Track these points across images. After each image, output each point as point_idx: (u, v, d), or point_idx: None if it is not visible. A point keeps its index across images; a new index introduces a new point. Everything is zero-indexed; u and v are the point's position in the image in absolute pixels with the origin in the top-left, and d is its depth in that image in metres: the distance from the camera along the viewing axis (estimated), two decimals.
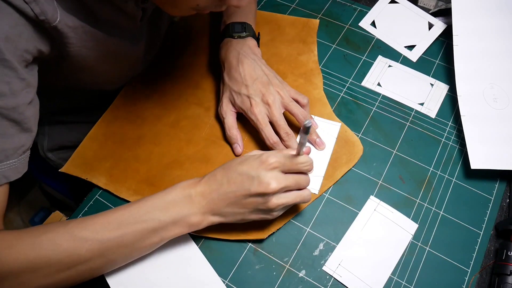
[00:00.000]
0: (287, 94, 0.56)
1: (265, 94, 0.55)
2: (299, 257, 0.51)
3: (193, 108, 0.63)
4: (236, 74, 0.57)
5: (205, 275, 0.50)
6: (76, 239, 0.42)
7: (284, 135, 0.54)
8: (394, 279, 0.50)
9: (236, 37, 0.60)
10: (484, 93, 0.61)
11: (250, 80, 0.56)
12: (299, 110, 0.56)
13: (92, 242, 0.42)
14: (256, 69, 0.57)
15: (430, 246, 0.52)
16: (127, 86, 0.65)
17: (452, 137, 0.61)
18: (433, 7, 0.74)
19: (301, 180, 0.47)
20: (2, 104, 0.41)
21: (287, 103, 0.56)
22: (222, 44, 0.61)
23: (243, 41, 0.60)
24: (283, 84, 0.57)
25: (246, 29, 0.61)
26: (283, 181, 0.45)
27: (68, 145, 0.71)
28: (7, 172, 0.43)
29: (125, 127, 0.61)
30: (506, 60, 0.63)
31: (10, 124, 0.43)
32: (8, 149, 0.43)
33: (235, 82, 0.56)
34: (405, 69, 0.67)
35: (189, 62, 0.67)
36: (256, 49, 0.60)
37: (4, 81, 0.40)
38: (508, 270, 0.49)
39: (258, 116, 0.54)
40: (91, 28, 0.49)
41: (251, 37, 0.61)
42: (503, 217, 0.56)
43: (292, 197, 0.47)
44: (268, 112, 0.55)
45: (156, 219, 0.45)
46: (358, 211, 0.54)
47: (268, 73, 0.57)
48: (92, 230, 0.43)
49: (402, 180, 0.57)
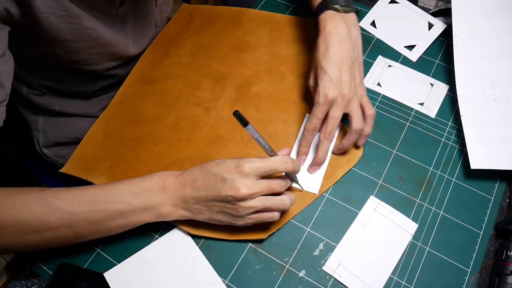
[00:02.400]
0: (357, 98, 0.55)
1: (345, 88, 0.53)
2: (299, 257, 0.51)
3: (193, 108, 0.62)
4: (333, 56, 0.53)
5: (205, 275, 0.50)
6: (47, 206, 0.43)
7: (328, 132, 0.53)
8: (394, 279, 0.50)
9: (341, 10, 0.56)
10: (484, 93, 0.61)
11: (344, 67, 0.53)
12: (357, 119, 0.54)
13: (62, 211, 0.44)
14: (350, 56, 0.54)
15: (430, 246, 0.52)
16: (126, 85, 0.65)
17: (452, 137, 0.61)
18: (433, 7, 0.74)
19: (273, 184, 0.47)
20: None
21: (352, 108, 0.54)
22: (325, 16, 0.56)
23: (349, 16, 0.56)
24: (361, 86, 0.56)
25: (350, 3, 0.58)
26: (254, 187, 0.45)
27: (63, 141, 0.71)
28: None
29: (125, 127, 0.61)
30: (506, 60, 0.63)
31: None
32: None
33: (329, 59, 0.53)
34: (405, 69, 0.67)
35: (189, 62, 0.67)
36: (358, 28, 0.57)
37: None
38: (508, 270, 0.49)
39: (327, 98, 0.52)
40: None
41: (354, 13, 0.58)
42: (503, 217, 0.56)
43: (260, 202, 0.46)
44: (334, 102, 0.53)
45: (126, 202, 0.46)
46: (358, 211, 0.54)
47: (358, 70, 0.55)
48: (64, 200, 0.44)
49: (402, 180, 0.57)
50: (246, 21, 0.72)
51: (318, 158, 0.55)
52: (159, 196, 0.47)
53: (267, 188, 0.46)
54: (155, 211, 0.47)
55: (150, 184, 0.47)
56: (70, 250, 0.52)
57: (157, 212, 0.47)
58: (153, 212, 0.47)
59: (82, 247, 0.52)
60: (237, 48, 0.68)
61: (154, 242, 0.52)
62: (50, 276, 0.50)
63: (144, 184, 0.47)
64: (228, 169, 0.45)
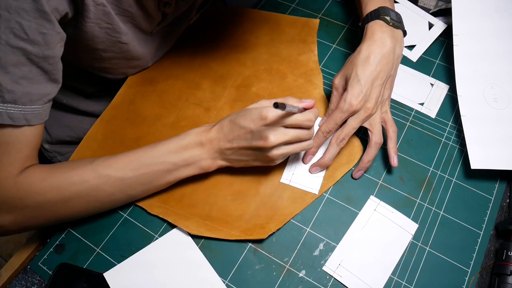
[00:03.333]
0: (380, 113, 0.55)
1: (371, 102, 0.53)
2: (299, 257, 0.51)
3: (193, 108, 0.62)
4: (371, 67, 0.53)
5: (205, 275, 0.50)
6: (102, 176, 0.48)
7: (341, 138, 0.54)
8: (394, 279, 0.50)
9: (391, 23, 0.56)
10: (484, 93, 0.61)
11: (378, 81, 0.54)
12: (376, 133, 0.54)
13: (115, 179, 0.48)
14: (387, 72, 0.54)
15: (430, 246, 0.52)
16: (126, 86, 0.65)
17: (452, 137, 0.61)
18: (433, 7, 0.73)
19: (301, 134, 0.49)
20: (34, 51, 0.43)
21: (374, 122, 0.54)
22: (374, 24, 0.56)
23: (397, 32, 0.57)
24: (387, 102, 0.56)
25: (401, 20, 0.58)
26: (281, 136, 0.48)
27: (67, 140, 0.71)
28: (29, 115, 0.45)
29: (125, 127, 0.61)
30: (506, 60, 0.63)
31: (39, 72, 0.45)
32: (34, 94, 0.45)
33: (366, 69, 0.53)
34: (405, 69, 0.67)
35: (189, 62, 0.67)
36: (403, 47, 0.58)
37: (40, 31, 0.42)
38: (508, 270, 0.49)
39: (351, 107, 0.52)
40: (111, 11, 0.50)
41: (402, 31, 0.58)
42: (503, 217, 0.56)
43: (291, 148, 0.50)
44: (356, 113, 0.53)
45: (170, 162, 0.50)
46: (358, 211, 0.54)
47: (389, 87, 0.56)
48: (115, 169, 0.49)
49: (402, 180, 0.57)
50: (246, 21, 0.72)
51: (325, 160, 0.55)
52: (198, 152, 0.51)
53: (295, 137, 0.49)
54: (197, 165, 0.51)
55: (188, 142, 0.50)
56: (70, 250, 0.52)
57: (198, 166, 0.51)
58: (195, 166, 0.51)
59: (82, 247, 0.52)
60: (237, 48, 0.68)
61: (154, 242, 0.52)
62: (50, 276, 0.50)
63: (183, 143, 0.50)
64: (254, 121, 0.48)
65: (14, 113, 0.44)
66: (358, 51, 0.55)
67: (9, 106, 0.43)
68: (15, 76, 0.42)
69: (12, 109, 0.43)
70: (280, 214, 0.53)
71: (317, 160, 0.56)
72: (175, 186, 0.55)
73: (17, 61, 0.42)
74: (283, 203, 0.54)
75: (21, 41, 0.41)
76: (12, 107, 0.43)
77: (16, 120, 0.44)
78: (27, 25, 0.41)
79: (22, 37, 0.41)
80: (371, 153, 0.54)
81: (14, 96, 0.43)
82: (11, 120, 0.44)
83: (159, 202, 0.54)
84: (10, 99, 0.43)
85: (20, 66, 0.43)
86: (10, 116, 0.43)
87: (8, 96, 0.43)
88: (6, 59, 0.41)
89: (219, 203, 0.54)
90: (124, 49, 0.57)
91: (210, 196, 0.55)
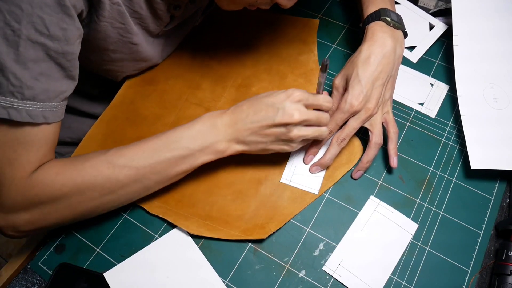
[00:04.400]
0: (381, 114, 0.55)
1: (372, 102, 0.53)
2: (299, 257, 0.51)
3: (193, 108, 0.62)
4: (372, 68, 0.53)
5: (205, 275, 0.50)
6: (115, 167, 0.47)
7: (341, 139, 0.54)
8: (394, 279, 0.50)
9: (392, 24, 0.57)
10: (484, 93, 0.61)
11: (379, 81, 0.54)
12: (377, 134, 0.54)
13: (129, 169, 0.47)
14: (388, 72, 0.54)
15: (430, 246, 0.52)
16: (126, 86, 0.65)
17: (452, 137, 0.61)
18: (433, 7, 0.73)
19: (322, 116, 0.50)
20: (53, 47, 0.42)
21: (374, 123, 0.54)
22: (375, 25, 0.57)
23: (398, 33, 0.57)
24: (389, 103, 0.56)
25: (401, 21, 0.59)
26: (305, 114, 0.48)
27: (67, 141, 0.71)
28: (47, 113, 0.45)
29: (125, 127, 0.61)
30: (506, 60, 0.63)
31: (57, 68, 0.44)
32: (51, 91, 0.44)
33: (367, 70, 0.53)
34: (405, 69, 0.67)
35: (189, 62, 0.67)
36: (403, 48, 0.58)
37: (61, 26, 0.42)
38: (508, 270, 0.49)
39: (352, 108, 0.52)
40: (125, 11, 0.50)
41: (403, 32, 0.58)
42: (503, 217, 0.56)
43: (311, 130, 0.50)
44: (357, 114, 0.53)
45: (185, 147, 0.49)
46: (358, 211, 0.54)
47: (390, 87, 0.56)
48: (128, 158, 0.48)
49: (402, 180, 0.57)
50: (246, 21, 0.72)
51: (325, 160, 0.55)
52: (213, 135, 0.49)
53: (316, 118, 0.50)
54: (212, 149, 0.50)
55: (202, 126, 0.50)
56: (70, 250, 0.52)
57: (214, 150, 0.50)
58: (210, 150, 0.50)
59: (82, 247, 0.52)
60: (237, 48, 0.68)
61: (154, 242, 0.52)
62: (50, 276, 0.50)
63: (196, 127, 0.49)
64: (280, 99, 0.48)
65: (33, 110, 0.43)
66: (359, 51, 0.55)
67: (28, 103, 0.43)
68: (34, 72, 0.42)
69: (31, 107, 0.43)
70: (280, 214, 0.53)
71: (318, 160, 0.56)
72: (175, 186, 0.55)
73: (36, 57, 0.42)
74: (283, 203, 0.54)
75: (42, 36, 0.41)
76: (31, 104, 0.43)
77: (35, 118, 0.43)
78: (49, 19, 0.40)
79: (43, 32, 0.41)
80: (371, 154, 0.54)
81: (33, 92, 0.42)
82: (30, 118, 0.43)
83: (159, 202, 0.54)
84: (30, 96, 0.42)
85: (40, 62, 0.42)
86: (29, 114, 0.43)
87: (28, 93, 0.42)
88: (26, 55, 0.41)
89: (219, 203, 0.54)
90: (134, 50, 0.57)
91: (210, 196, 0.55)
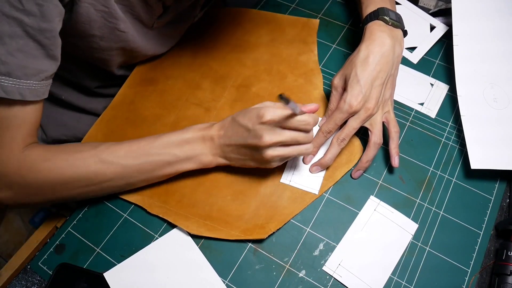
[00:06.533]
0: (381, 113, 0.55)
1: (372, 102, 0.53)
2: (299, 257, 0.51)
3: (193, 108, 0.62)
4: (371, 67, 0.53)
5: (205, 275, 0.50)
6: (104, 162, 0.49)
7: (341, 139, 0.54)
8: (394, 279, 0.50)
9: (390, 23, 0.57)
10: (484, 93, 0.61)
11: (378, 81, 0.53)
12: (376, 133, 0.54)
13: (116, 166, 0.49)
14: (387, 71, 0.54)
15: (430, 246, 0.52)
16: (126, 86, 0.65)
17: (452, 137, 0.61)
18: (433, 7, 0.74)
19: (298, 136, 0.49)
20: (29, 22, 0.42)
21: (374, 122, 0.54)
22: (373, 25, 0.57)
23: (397, 31, 0.57)
24: (389, 102, 0.56)
25: (401, 20, 0.59)
26: (277, 136, 0.47)
27: (62, 139, 0.71)
28: (24, 90, 0.44)
29: (125, 127, 0.61)
30: (506, 60, 0.63)
31: (36, 46, 0.44)
32: (29, 68, 0.44)
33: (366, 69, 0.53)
34: (405, 69, 0.67)
35: (189, 62, 0.67)
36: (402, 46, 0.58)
37: (36, 2, 0.41)
38: (508, 270, 0.49)
39: (351, 108, 0.52)
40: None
41: (402, 31, 0.58)
42: (503, 217, 0.56)
43: (289, 150, 0.49)
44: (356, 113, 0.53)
45: (172, 154, 0.51)
46: (358, 211, 0.54)
47: (389, 86, 0.56)
48: (117, 156, 0.49)
49: (402, 180, 0.57)
50: (246, 21, 0.72)
51: (325, 160, 0.55)
52: (200, 147, 0.51)
53: (291, 138, 0.48)
54: (197, 160, 0.52)
55: (191, 136, 0.51)
56: (70, 250, 0.52)
57: (199, 161, 0.52)
58: (196, 160, 0.52)
59: (82, 247, 0.52)
60: (237, 48, 0.68)
61: (154, 242, 0.52)
62: (50, 276, 0.50)
63: (186, 136, 0.51)
64: (251, 120, 0.48)
65: (8, 86, 0.43)
66: (357, 51, 0.55)
67: (3, 79, 0.43)
68: (11, 48, 0.42)
69: (5, 82, 0.43)
70: (280, 214, 0.53)
71: (318, 160, 0.56)
72: (175, 186, 0.55)
73: (12, 32, 0.42)
74: (283, 203, 0.54)
75: (16, 11, 0.41)
76: (6, 79, 0.43)
77: (10, 94, 0.43)
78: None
79: (17, 7, 0.41)
80: (370, 153, 0.54)
81: (8, 68, 0.42)
82: (5, 94, 0.43)
83: (159, 202, 0.54)
84: (4, 71, 0.42)
85: (16, 38, 0.42)
86: (4, 90, 0.43)
87: (2, 68, 0.42)
88: (1, 29, 0.41)
89: (219, 203, 0.54)
90: (123, 39, 0.56)
91: (210, 196, 0.55)
